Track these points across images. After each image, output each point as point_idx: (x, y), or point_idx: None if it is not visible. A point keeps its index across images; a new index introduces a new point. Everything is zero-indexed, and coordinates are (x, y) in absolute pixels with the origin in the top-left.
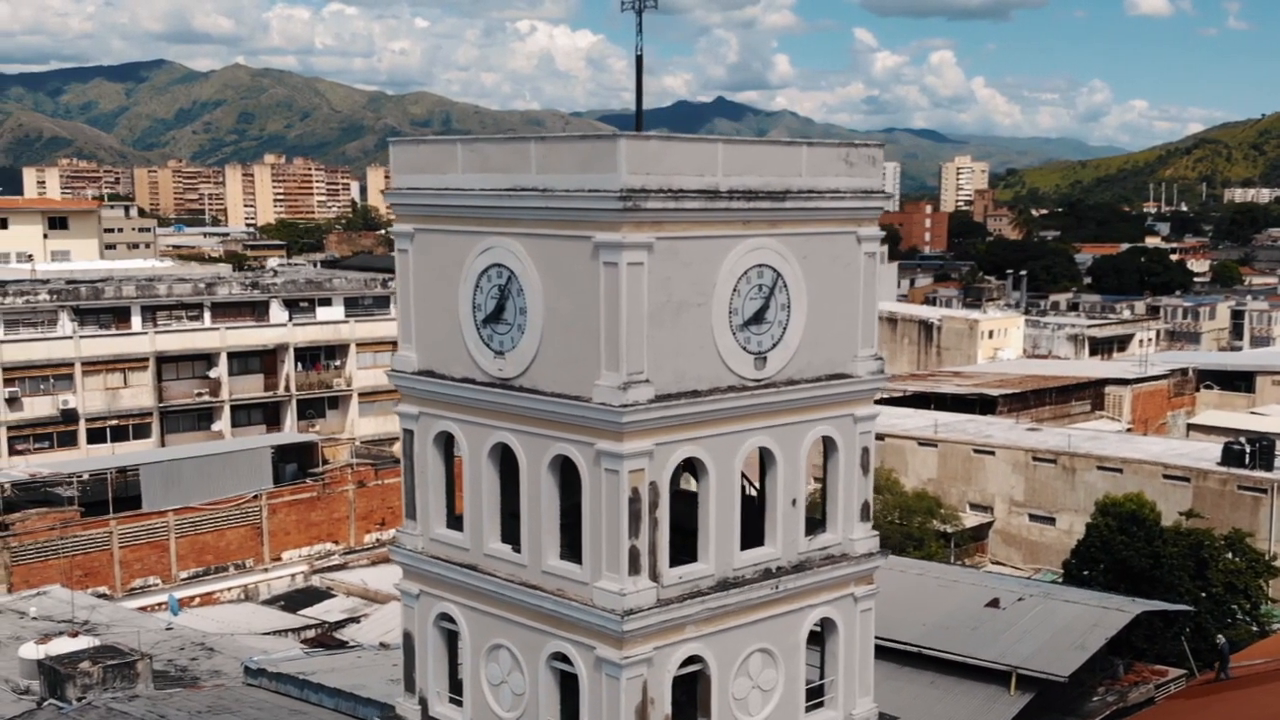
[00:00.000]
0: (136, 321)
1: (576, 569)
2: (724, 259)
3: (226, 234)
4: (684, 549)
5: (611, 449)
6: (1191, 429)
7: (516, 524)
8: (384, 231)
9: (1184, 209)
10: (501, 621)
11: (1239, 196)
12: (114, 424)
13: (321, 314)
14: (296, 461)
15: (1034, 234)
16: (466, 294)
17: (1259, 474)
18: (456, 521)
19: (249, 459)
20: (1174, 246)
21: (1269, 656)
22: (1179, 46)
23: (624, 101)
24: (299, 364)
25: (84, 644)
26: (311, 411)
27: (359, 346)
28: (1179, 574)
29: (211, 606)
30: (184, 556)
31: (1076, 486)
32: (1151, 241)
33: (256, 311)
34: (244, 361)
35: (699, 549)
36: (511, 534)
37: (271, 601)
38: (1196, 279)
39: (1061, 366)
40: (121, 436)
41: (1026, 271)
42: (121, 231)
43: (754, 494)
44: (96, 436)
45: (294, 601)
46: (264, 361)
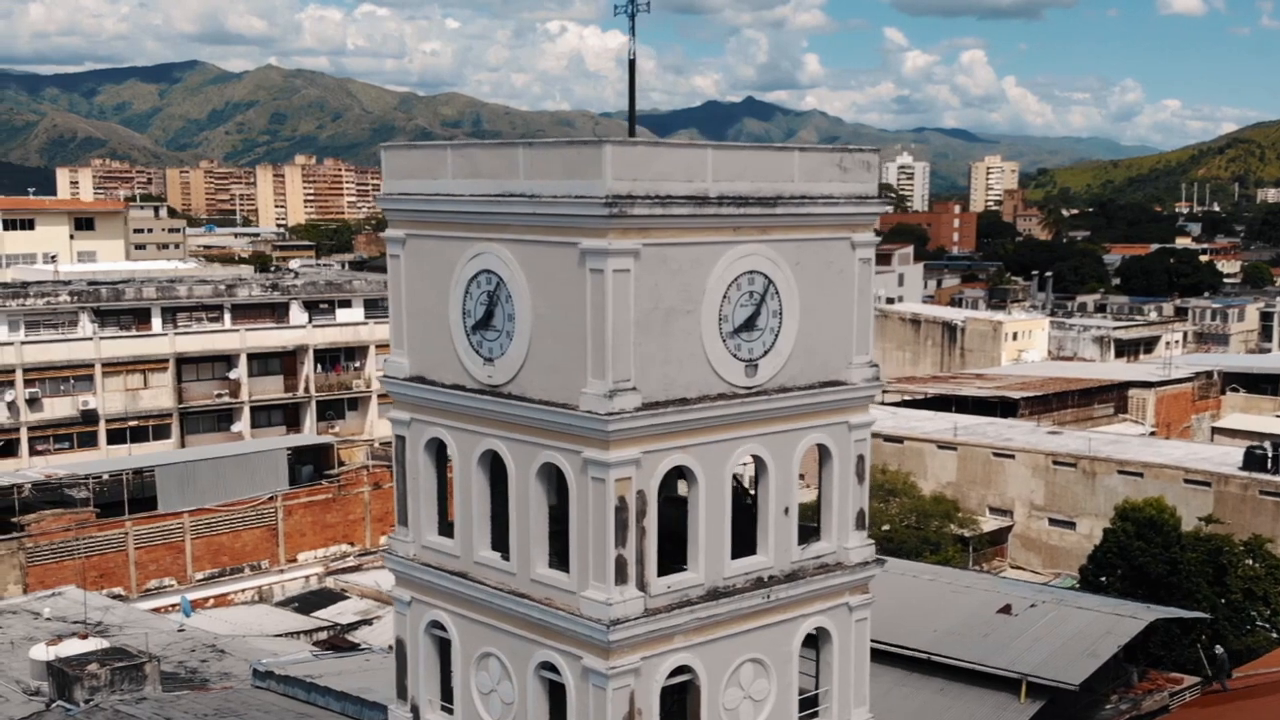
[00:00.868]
0: (157, 323)
1: (564, 578)
2: (714, 265)
3: (257, 234)
4: (678, 556)
5: (598, 457)
6: (1216, 432)
7: (507, 531)
8: None
9: (1216, 209)
10: (491, 630)
11: (1272, 197)
12: (134, 425)
13: (341, 315)
14: (313, 463)
15: (1063, 234)
16: (457, 300)
17: None
18: (449, 528)
19: (265, 460)
20: (1204, 247)
21: None
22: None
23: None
24: (319, 365)
25: (93, 646)
26: (331, 413)
27: (379, 348)
28: (1197, 580)
29: (225, 608)
30: (199, 558)
31: (1097, 490)
32: (1182, 242)
33: (276, 313)
34: (264, 363)
35: (688, 558)
36: (502, 541)
37: (285, 603)
38: (1227, 280)
39: (1085, 369)
40: (141, 437)
41: (1053, 272)
42: (151, 232)
43: (751, 500)
44: (116, 437)
45: (307, 603)
46: (284, 363)
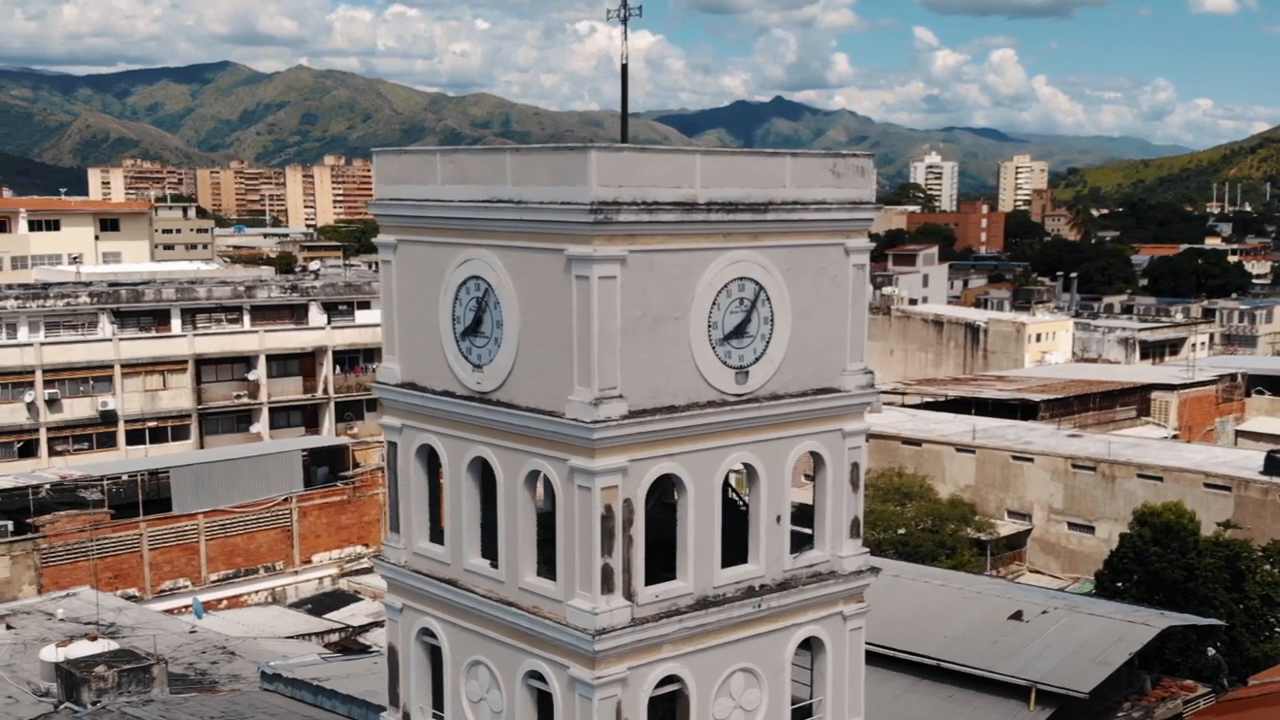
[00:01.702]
0: (176, 324)
1: (552, 586)
2: (703, 272)
3: (286, 235)
4: (671, 563)
5: (584, 465)
6: (1240, 436)
7: (496, 539)
8: None
9: (1247, 209)
10: (480, 638)
11: None
12: (153, 426)
13: (360, 317)
14: (328, 464)
15: (1092, 234)
16: (446, 306)
17: None
18: (441, 535)
19: (280, 462)
20: (1234, 248)
21: None
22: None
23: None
24: (337, 367)
25: (101, 647)
26: (350, 414)
27: None
28: (1214, 586)
29: (238, 609)
30: (214, 559)
31: (1116, 494)
32: (1211, 242)
33: (296, 314)
34: (283, 364)
35: (677, 566)
36: (491, 549)
37: (298, 605)
38: (1256, 281)
39: (1108, 371)
40: (160, 438)
41: (1080, 273)
42: (179, 233)
43: (745, 507)
44: (135, 438)
45: (321, 605)
46: (303, 364)
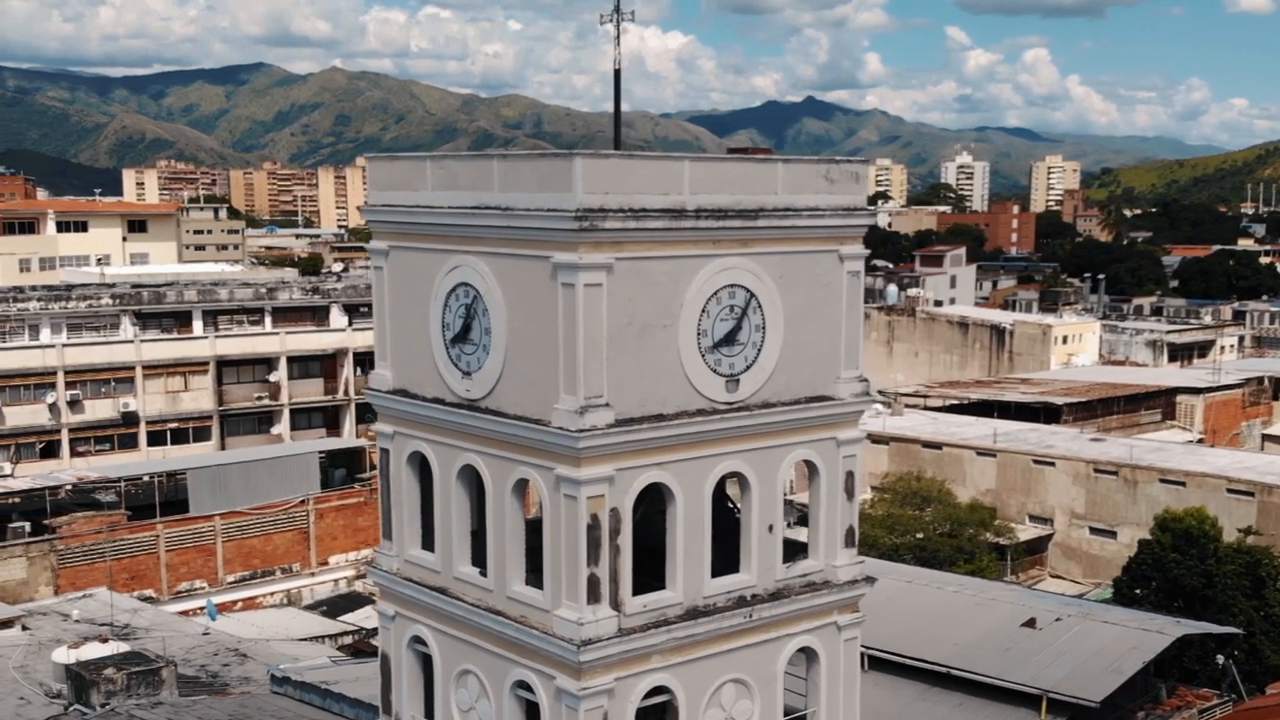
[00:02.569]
0: (198, 326)
1: (539, 595)
2: (692, 279)
3: (317, 236)
4: (663, 572)
5: (569, 474)
6: (1267, 440)
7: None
8: None
9: None
10: (469, 647)
11: None
12: (174, 427)
13: None
14: (345, 466)
15: (1124, 235)
16: (436, 313)
17: None
18: (433, 542)
19: (297, 464)
20: (1267, 249)
21: None
22: None
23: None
24: (359, 368)
25: (112, 649)
26: (371, 415)
27: None
28: (1233, 593)
29: (253, 611)
30: (230, 560)
31: (1138, 499)
32: (1244, 243)
33: (317, 316)
34: (304, 366)
35: (666, 576)
36: (481, 557)
37: (314, 607)
38: None
39: (1134, 374)
40: (182, 439)
41: (1109, 274)
42: (210, 233)
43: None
44: (157, 439)
45: (335, 607)
46: (324, 366)
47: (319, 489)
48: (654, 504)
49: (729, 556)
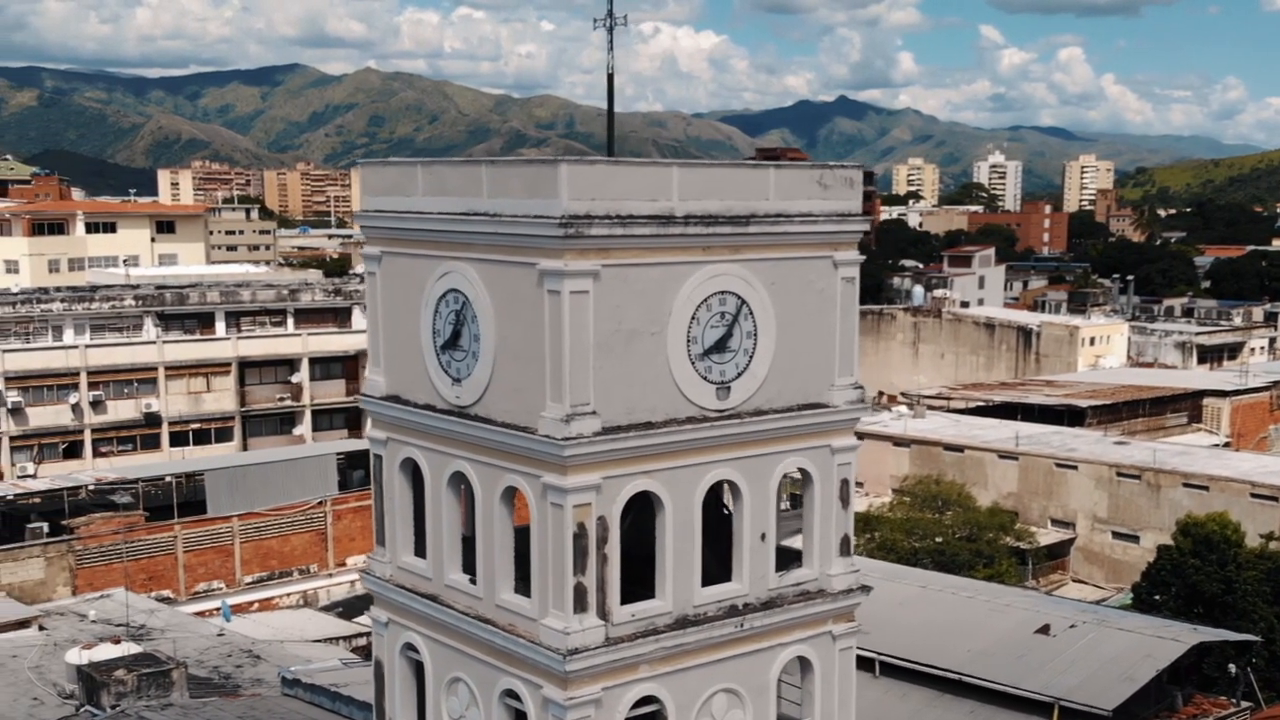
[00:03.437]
0: (220, 327)
1: (527, 604)
2: (681, 286)
3: (349, 236)
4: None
5: (555, 482)
6: None
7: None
8: None
9: None
10: (459, 654)
11: None
12: (196, 428)
13: None
14: (364, 468)
15: (1156, 235)
16: (427, 319)
17: None
18: (425, 549)
19: (315, 465)
20: None
21: None
22: None
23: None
24: None
25: (124, 650)
26: None
27: None
28: (1253, 600)
29: (268, 612)
30: (248, 561)
31: (1161, 504)
32: (1278, 244)
33: (339, 317)
34: (326, 367)
35: (655, 585)
36: (472, 564)
37: (330, 608)
38: None
39: (1161, 376)
40: (204, 440)
41: (1140, 275)
42: (242, 234)
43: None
44: (179, 440)
45: (352, 608)
46: (346, 367)
47: (337, 490)
48: (646, 510)
49: (725, 564)
